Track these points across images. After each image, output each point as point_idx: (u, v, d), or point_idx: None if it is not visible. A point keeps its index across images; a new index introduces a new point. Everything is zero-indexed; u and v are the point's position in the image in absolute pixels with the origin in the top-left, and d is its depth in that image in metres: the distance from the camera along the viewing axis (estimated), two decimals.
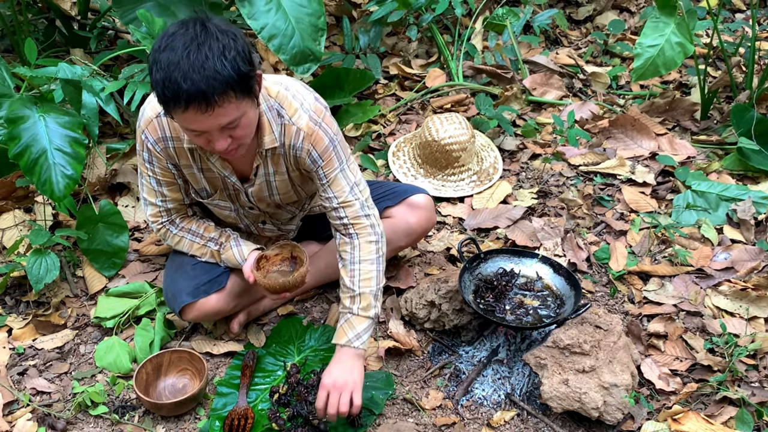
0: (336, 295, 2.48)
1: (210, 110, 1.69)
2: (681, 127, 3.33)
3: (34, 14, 3.51)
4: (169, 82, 1.66)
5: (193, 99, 1.66)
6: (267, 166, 2.09)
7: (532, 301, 2.29)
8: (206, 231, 2.24)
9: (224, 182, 2.15)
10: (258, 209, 2.28)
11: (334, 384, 1.95)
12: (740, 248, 2.62)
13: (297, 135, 2.01)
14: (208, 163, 2.08)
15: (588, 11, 4.31)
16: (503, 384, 2.18)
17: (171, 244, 2.26)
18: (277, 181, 2.14)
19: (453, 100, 3.49)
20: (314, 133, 2.01)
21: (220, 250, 2.21)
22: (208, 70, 1.66)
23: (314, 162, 2.04)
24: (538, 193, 2.94)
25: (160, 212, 2.21)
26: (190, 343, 2.34)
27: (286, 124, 2.00)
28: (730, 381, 2.13)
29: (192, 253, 2.24)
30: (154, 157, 2.08)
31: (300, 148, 2.02)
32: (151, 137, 2.04)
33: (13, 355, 2.31)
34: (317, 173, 2.07)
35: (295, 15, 2.94)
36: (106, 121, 3.18)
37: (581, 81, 3.71)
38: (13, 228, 2.69)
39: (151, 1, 2.96)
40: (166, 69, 1.66)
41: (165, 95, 1.69)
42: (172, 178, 2.14)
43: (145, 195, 2.19)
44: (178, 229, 2.24)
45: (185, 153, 2.06)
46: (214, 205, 2.25)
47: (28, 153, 2.23)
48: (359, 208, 2.09)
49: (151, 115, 2.02)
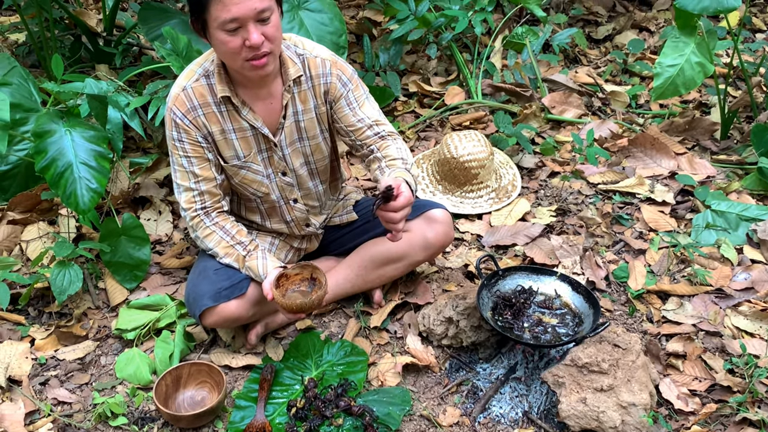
0: (353, 309, 2.49)
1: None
2: (701, 147, 3.33)
3: (61, 30, 3.59)
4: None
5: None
6: (295, 103, 2.21)
7: (551, 319, 2.28)
8: (238, 234, 2.26)
9: (257, 139, 2.22)
10: (290, 176, 2.31)
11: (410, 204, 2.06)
12: (760, 268, 2.60)
13: (323, 64, 2.20)
14: (239, 118, 2.17)
15: (607, 30, 4.33)
16: (521, 402, 2.17)
17: (201, 236, 2.26)
18: (306, 120, 2.24)
19: (472, 117, 3.50)
20: (338, 62, 2.23)
21: (246, 256, 2.23)
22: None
23: (345, 85, 2.23)
24: (556, 211, 2.94)
25: (194, 197, 2.22)
26: (209, 355, 2.36)
27: (308, 57, 2.19)
28: (750, 402, 2.11)
29: (217, 250, 2.25)
30: (183, 132, 2.15)
31: (329, 74, 2.21)
32: (179, 111, 2.14)
33: (36, 365, 2.34)
34: (347, 98, 2.24)
35: (317, 33, 2.98)
36: (130, 135, 3.24)
37: (600, 100, 3.72)
38: (37, 240, 2.74)
39: (176, 19, 3.02)
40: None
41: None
42: (201, 153, 2.19)
43: (179, 181, 2.23)
44: (212, 222, 2.25)
45: (216, 117, 2.16)
46: (246, 171, 2.26)
47: (54, 166, 2.27)
48: (391, 127, 2.32)
49: (177, 91, 2.15)
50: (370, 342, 2.39)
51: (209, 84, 2.14)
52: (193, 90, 2.14)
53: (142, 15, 3.05)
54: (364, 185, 3.14)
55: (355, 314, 2.48)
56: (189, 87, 2.14)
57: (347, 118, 2.27)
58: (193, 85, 2.14)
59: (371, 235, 2.47)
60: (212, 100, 2.14)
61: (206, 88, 2.14)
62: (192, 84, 2.14)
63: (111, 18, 3.50)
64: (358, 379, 2.22)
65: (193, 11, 1.98)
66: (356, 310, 2.48)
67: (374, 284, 2.49)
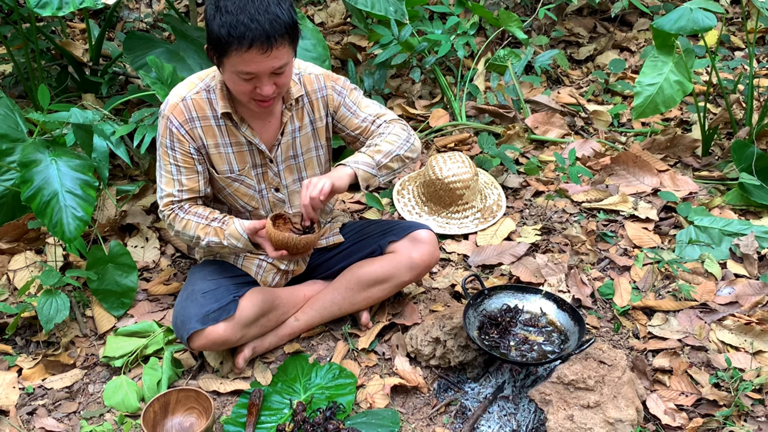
0: (341, 332, 2.50)
1: (269, 51, 1.93)
2: (683, 164, 3.37)
3: (48, 61, 3.62)
4: (236, 22, 1.89)
5: (258, 39, 1.90)
6: (293, 121, 2.27)
7: (537, 337, 2.30)
8: (211, 213, 2.26)
9: (252, 154, 2.26)
10: (283, 192, 2.34)
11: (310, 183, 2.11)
12: (744, 283, 2.63)
13: (317, 80, 2.29)
14: (236, 133, 2.21)
15: (589, 51, 4.39)
16: (509, 420, 2.18)
17: (179, 228, 2.26)
18: (301, 136, 2.31)
19: (456, 139, 3.54)
20: (329, 74, 2.32)
21: (222, 226, 2.23)
22: (271, 14, 1.92)
23: (339, 93, 2.32)
24: (541, 230, 2.97)
25: (173, 201, 2.25)
26: (197, 381, 2.35)
27: (303, 76, 2.27)
28: (736, 416, 2.13)
29: (197, 233, 2.24)
30: (176, 141, 2.18)
31: (324, 87, 2.30)
32: (176, 120, 2.16)
33: (23, 394, 2.33)
34: (346, 104, 2.32)
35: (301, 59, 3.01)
36: (116, 163, 3.25)
37: (583, 119, 3.77)
38: (24, 269, 2.74)
39: (160, 48, 3.05)
40: (233, 12, 1.90)
41: (231, 36, 1.90)
42: (191, 164, 2.21)
43: (163, 185, 2.24)
44: (185, 212, 2.25)
45: (213, 131, 2.19)
46: (239, 184, 2.29)
47: (40, 195, 2.28)
48: (392, 114, 2.38)
49: (176, 100, 2.17)
50: (358, 364, 2.40)
51: (209, 99, 2.17)
52: (193, 101, 2.17)
53: (128, 44, 3.09)
54: (351, 208, 3.16)
55: (343, 336, 2.49)
56: (189, 98, 2.17)
57: (351, 122, 2.34)
58: (193, 96, 2.17)
59: (358, 257, 2.49)
60: (211, 114, 2.18)
61: (206, 102, 2.17)
62: (192, 95, 2.17)
63: (97, 48, 3.53)
64: (346, 402, 2.22)
65: (214, 48, 2.00)
66: (344, 333, 2.49)
67: (361, 306, 2.50)
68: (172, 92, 2.21)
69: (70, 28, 4.43)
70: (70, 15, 4.41)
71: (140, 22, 4.40)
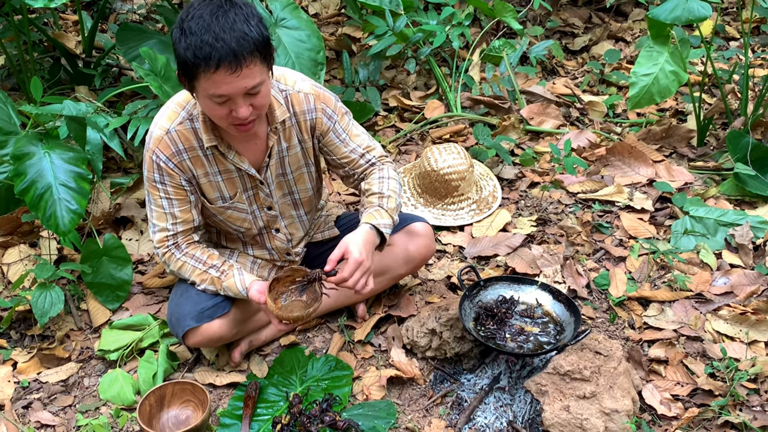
0: (337, 324, 2.49)
1: (239, 70, 1.81)
2: (678, 154, 3.37)
3: (40, 53, 3.59)
4: (201, 43, 1.78)
5: (225, 58, 1.78)
6: (280, 142, 2.18)
7: (533, 328, 2.30)
8: (209, 258, 2.23)
9: (242, 179, 2.19)
10: (275, 209, 2.30)
11: (363, 263, 2.06)
12: (739, 273, 2.63)
13: (306, 99, 2.16)
14: (224, 161, 2.14)
15: (584, 41, 4.38)
16: (505, 411, 2.18)
17: (174, 269, 2.25)
18: (290, 156, 2.22)
19: (452, 130, 3.53)
20: (321, 94, 2.19)
21: (221, 277, 2.21)
22: (238, 32, 1.79)
23: (330, 118, 2.20)
24: (537, 221, 2.97)
25: (167, 237, 2.20)
26: (193, 374, 2.35)
27: (291, 94, 2.14)
28: (732, 405, 2.13)
29: (192, 279, 2.23)
30: (166, 175, 2.11)
31: (314, 110, 2.17)
32: (163, 154, 2.09)
33: (18, 388, 2.32)
34: (335, 130, 2.23)
35: (295, 50, 3.00)
36: (110, 156, 3.23)
37: (578, 110, 3.76)
38: (18, 263, 2.73)
39: (154, 39, 3.04)
40: (197, 33, 1.78)
41: (196, 57, 1.79)
42: (184, 196, 2.16)
43: (155, 221, 2.19)
44: (182, 253, 2.22)
45: (201, 161, 2.12)
46: (231, 210, 2.25)
47: (34, 189, 2.27)
48: (381, 150, 2.33)
49: (160, 133, 2.09)
50: (354, 356, 2.40)
51: (194, 128, 2.08)
52: (178, 133, 2.08)
53: (121, 36, 3.07)
54: (346, 200, 3.15)
55: (339, 329, 2.49)
56: (173, 130, 2.08)
57: (339, 150, 2.26)
58: (177, 128, 2.08)
59: None
60: (197, 144, 2.09)
61: (191, 132, 2.08)
62: (176, 127, 2.08)
63: (90, 40, 3.51)
64: (343, 394, 2.22)
65: (183, 73, 1.89)
66: (340, 325, 2.49)
67: (357, 298, 2.49)
68: (154, 123, 2.11)
69: (62, 20, 4.39)
70: (62, 6, 4.37)
71: (133, 14, 4.36)
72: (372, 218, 2.16)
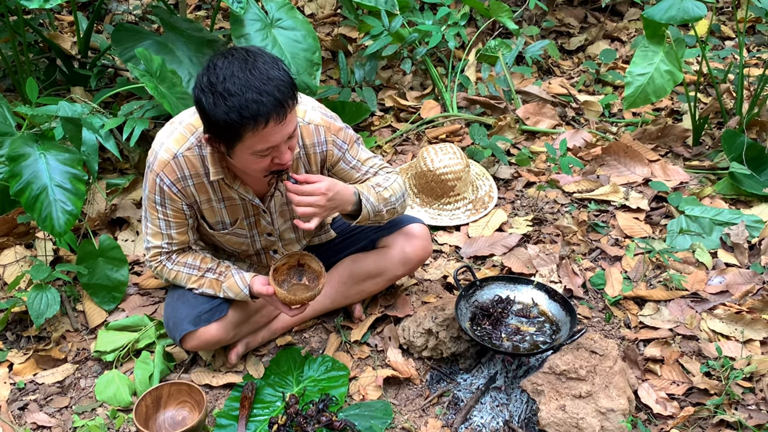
0: (333, 324, 2.49)
1: (284, 118, 1.80)
2: (673, 153, 3.38)
3: (36, 54, 3.58)
4: (246, 102, 1.73)
5: (273, 110, 1.76)
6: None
7: (529, 328, 2.30)
8: (203, 262, 2.23)
9: (245, 207, 2.18)
10: (275, 234, 2.29)
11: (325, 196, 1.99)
12: (734, 272, 2.64)
13: (317, 132, 2.11)
14: (229, 191, 2.12)
15: (580, 41, 4.38)
16: (501, 411, 2.18)
17: (168, 278, 2.26)
18: None
19: (448, 130, 3.53)
20: (331, 125, 2.13)
21: (219, 278, 2.21)
22: (275, 80, 1.76)
23: (340, 148, 2.16)
24: (533, 221, 2.97)
25: (161, 253, 2.21)
26: (190, 375, 2.35)
27: (301, 126, 2.08)
28: (727, 404, 2.14)
29: (189, 286, 2.24)
30: (167, 200, 2.09)
31: (325, 142, 2.13)
32: (168, 179, 2.05)
33: (14, 390, 2.32)
34: (345, 159, 2.18)
35: (291, 50, 3.00)
36: (106, 157, 3.23)
37: (574, 110, 3.76)
38: (14, 264, 2.72)
39: (149, 40, 3.03)
40: (238, 93, 1.73)
41: (243, 118, 1.75)
42: (183, 219, 2.15)
43: (150, 237, 2.18)
44: (174, 263, 2.22)
45: (205, 188, 2.09)
46: (230, 235, 2.25)
47: (29, 190, 2.27)
48: (388, 166, 2.29)
49: (167, 157, 2.03)
50: (350, 356, 2.40)
51: (201, 156, 2.04)
52: (185, 159, 2.03)
53: (116, 37, 3.06)
54: None
55: (336, 329, 2.49)
56: (180, 155, 2.03)
57: (350, 176, 2.22)
58: (185, 153, 2.03)
59: (350, 252, 2.48)
60: (203, 172, 2.06)
61: (198, 159, 2.04)
62: (184, 152, 2.03)
63: (85, 40, 3.50)
64: (339, 394, 2.22)
65: (220, 137, 1.85)
66: (336, 325, 2.49)
67: (354, 299, 2.49)
68: (160, 144, 2.05)
69: (58, 21, 4.39)
70: (57, 7, 4.37)
71: (129, 15, 4.36)
72: (362, 189, 2.15)
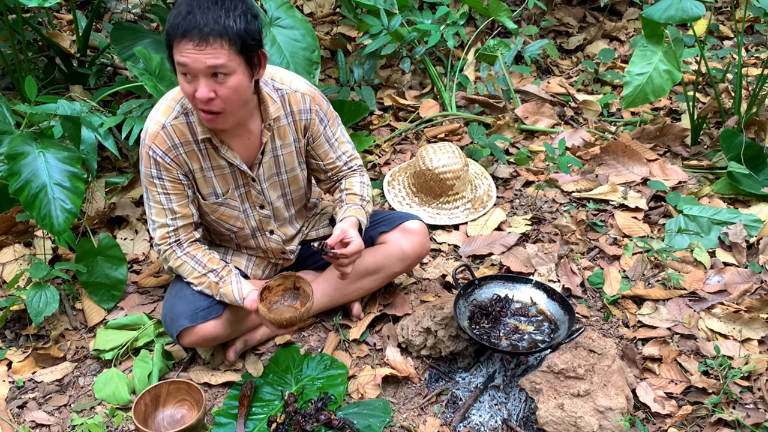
0: (332, 323, 2.50)
1: (203, 45, 1.86)
2: (672, 153, 3.38)
3: (35, 52, 3.58)
4: (179, 12, 1.87)
5: (192, 29, 1.85)
6: (274, 139, 2.20)
7: (527, 327, 2.31)
8: (210, 262, 2.23)
9: (234, 176, 2.21)
10: (267, 208, 2.31)
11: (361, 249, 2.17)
12: (733, 271, 2.64)
13: (303, 99, 2.21)
14: (217, 157, 2.15)
15: (578, 41, 4.39)
16: (500, 409, 2.19)
17: (173, 266, 2.24)
18: (285, 154, 2.25)
19: (446, 129, 3.54)
20: (315, 95, 2.24)
21: (219, 282, 2.22)
22: (215, 13, 1.87)
23: (322, 120, 2.25)
24: (531, 220, 2.98)
25: (168, 233, 2.20)
26: (188, 373, 2.35)
27: (288, 93, 2.18)
28: (725, 403, 2.14)
29: (190, 280, 2.24)
30: (163, 170, 2.12)
31: (309, 110, 2.22)
32: (160, 149, 2.10)
33: (13, 388, 2.32)
34: (326, 135, 2.28)
35: (290, 49, 3.00)
36: (105, 155, 3.23)
37: (573, 109, 3.77)
38: (13, 262, 2.72)
39: (148, 38, 3.03)
40: (178, 6, 1.89)
41: (170, 26, 1.89)
42: (182, 190, 2.17)
43: (154, 217, 2.19)
44: (183, 252, 2.22)
45: (196, 155, 2.14)
46: (224, 207, 2.25)
47: (28, 188, 2.27)
48: (359, 159, 2.42)
49: (155, 128, 2.10)
50: (349, 355, 2.40)
51: (188, 122, 2.09)
52: (173, 128, 2.09)
53: (115, 35, 3.06)
54: None
55: (334, 327, 2.49)
56: (168, 125, 2.09)
57: (326, 155, 2.31)
58: (172, 122, 2.09)
59: None
60: (192, 139, 2.11)
61: (186, 126, 2.09)
62: (171, 121, 2.09)
63: (84, 39, 3.50)
64: (338, 393, 2.23)
65: (167, 45, 1.96)
66: (335, 324, 2.49)
67: (353, 297, 2.50)
68: (149, 119, 2.13)
69: (57, 20, 4.39)
70: (56, 6, 4.37)
71: (128, 13, 4.36)
72: (359, 214, 2.26)
